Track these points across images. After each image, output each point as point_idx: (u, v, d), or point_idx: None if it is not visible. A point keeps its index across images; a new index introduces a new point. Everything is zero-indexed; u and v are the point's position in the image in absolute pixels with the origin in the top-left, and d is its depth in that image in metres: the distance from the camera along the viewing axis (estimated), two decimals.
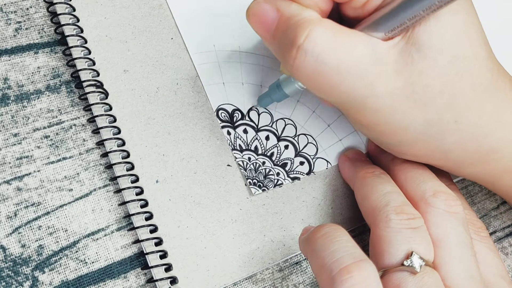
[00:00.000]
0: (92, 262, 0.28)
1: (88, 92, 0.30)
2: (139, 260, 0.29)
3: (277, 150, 0.32)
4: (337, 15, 0.27)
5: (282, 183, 0.32)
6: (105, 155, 0.30)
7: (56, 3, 0.31)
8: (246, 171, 0.31)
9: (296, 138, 0.33)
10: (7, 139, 0.29)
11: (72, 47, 0.31)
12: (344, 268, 0.23)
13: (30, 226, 0.28)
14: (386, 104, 0.25)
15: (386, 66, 0.24)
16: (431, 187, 0.28)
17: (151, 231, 0.29)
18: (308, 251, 0.26)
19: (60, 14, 0.31)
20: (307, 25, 0.24)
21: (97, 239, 0.29)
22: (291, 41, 0.24)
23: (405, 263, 0.25)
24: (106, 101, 0.30)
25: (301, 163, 0.33)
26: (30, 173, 0.29)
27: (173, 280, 0.28)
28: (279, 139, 0.33)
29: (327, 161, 0.33)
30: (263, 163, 0.32)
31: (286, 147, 0.33)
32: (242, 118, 0.32)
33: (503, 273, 0.28)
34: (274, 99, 0.32)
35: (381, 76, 0.24)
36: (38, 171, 0.29)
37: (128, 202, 0.29)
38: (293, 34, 0.24)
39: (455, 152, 0.27)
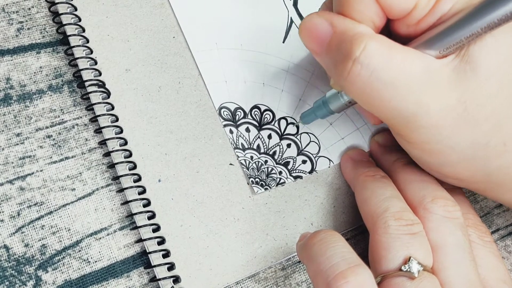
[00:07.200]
0: (95, 261, 0.28)
1: (90, 92, 0.30)
2: (142, 259, 0.29)
3: (280, 148, 0.32)
4: (388, 32, 0.27)
5: (284, 182, 0.32)
6: (107, 154, 0.30)
7: (57, 3, 0.31)
8: (248, 170, 0.31)
9: (298, 137, 0.33)
10: (10, 139, 0.29)
11: (74, 46, 0.31)
12: (340, 274, 0.23)
13: (33, 226, 0.28)
14: (436, 122, 0.25)
15: (439, 83, 0.24)
16: (431, 193, 0.28)
17: (154, 230, 0.29)
18: (304, 257, 0.26)
19: (62, 13, 0.31)
20: (363, 38, 0.24)
21: (100, 238, 0.29)
22: (346, 54, 0.24)
23: (403, 268, 0.25)
24: (108, 100, 0.30)
25: (304, 162, 0.33)
26: (33, 173, 0.29)
27: (176, 279, 0.28)
28: (281, 137, 0.33)
29: (330, 160, 0.33)
30: (266, 161, 0.32)
31: (289, 145, 0.33)
32: (244, 117, 0.32)
33: (506, 278, 0.28)
34: (318, 116, 0.32)
35: (434, 93, 0.24)
36: (41, 170, 0.29)
37: (131, 201, 0.29)
38: (349, 47, 0.24)
39: (498, 176, 0.27)
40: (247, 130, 0.32)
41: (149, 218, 0.29)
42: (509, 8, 0.21)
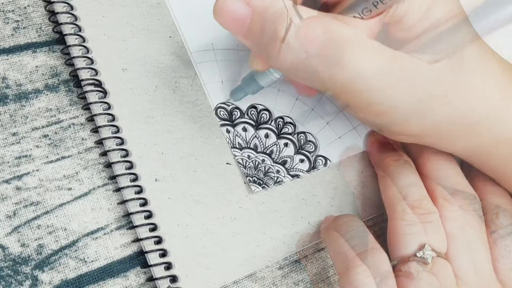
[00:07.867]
0: (92, 261, 0.28)
1: (87, 91, 0.30)
2: (139, 259, 0.29)
3: (277, 147, 0.32)
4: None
5: (282, 181, 0.32)
6: (104, 154, 0.30)
7: (54, 2, 0.31)
8: (245, 169, 0.31)
9: (295, 136, 0.33)
10: (6, 139, 0.29)
11: (70, 45, 0.30)
12: (358, 255, 0.25)
13: (30, 225, 0.28)
14: (374, 84, 0.25)
15: (370, 45, 0.24)
16: (452, 185, 0.29)
17: (151, 230, 0.29)
18: (327, 238, 0.29)
19: (58, 12, 0.31)
20: (286, 15, 0.24)
21: (97, 238, 0.29)
22: (273, 35, 0.24)
23: (417, 254, 0.26)
24: (105, 99, 0.30)
25: (301, 161, 0.33)
26: (29, 172, 0.29)
27: (173, 279, 0.28)
28: (278, 136, 0.33)
29: (327, 159, 0.33)
30: (263, 160, 0.32)
31: (286, 144, 0.33)
32: (241, 116, 0.32)
33: None
34: (248, 92, 0.32)
35: (366, 56, 0.24)
36: (37, 170, 0.29)
37: (128, 200, 0.29)
38: (273, 28, 0.24)
39: (445, 126, 0.27)
40: (244, 129, 0.32)
41: (146, 217, 0.29)
42: (495, 18, 0.22)
